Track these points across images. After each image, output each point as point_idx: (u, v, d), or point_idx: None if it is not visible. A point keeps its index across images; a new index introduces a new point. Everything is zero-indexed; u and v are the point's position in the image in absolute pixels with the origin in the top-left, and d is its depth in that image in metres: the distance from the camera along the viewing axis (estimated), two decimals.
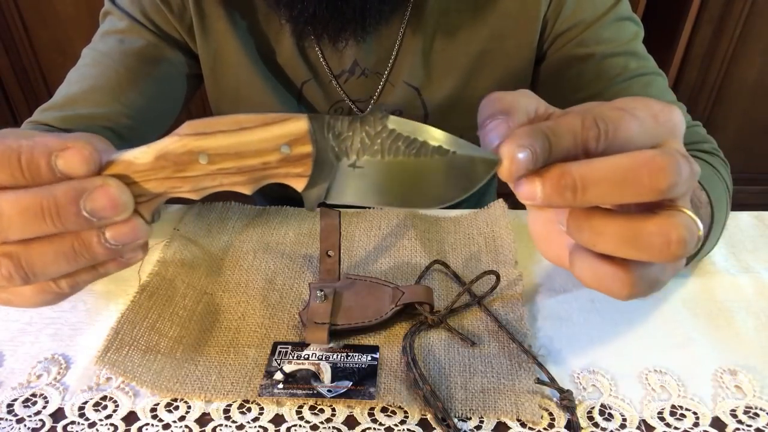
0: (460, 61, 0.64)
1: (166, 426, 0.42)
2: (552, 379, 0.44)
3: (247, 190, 0.31)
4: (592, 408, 0.43)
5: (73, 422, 0.43)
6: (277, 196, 0.77)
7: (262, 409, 0.44)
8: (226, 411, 0.43)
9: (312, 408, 0.44)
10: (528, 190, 0.28)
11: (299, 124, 0.30)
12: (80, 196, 0.29)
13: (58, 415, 0.43)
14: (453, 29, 0.63)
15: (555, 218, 0.33)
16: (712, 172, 0.54)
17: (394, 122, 0.30)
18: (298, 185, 0.31)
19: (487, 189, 0.84)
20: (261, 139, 0.29)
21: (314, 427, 0.42)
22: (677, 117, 0.30)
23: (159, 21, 0.64)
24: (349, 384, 0.44)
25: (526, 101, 0.31)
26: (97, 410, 0.43)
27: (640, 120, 0.29)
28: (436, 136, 0.30)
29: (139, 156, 0.30)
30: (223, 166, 0.30)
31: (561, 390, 0.43)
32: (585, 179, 0.27)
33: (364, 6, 0.55)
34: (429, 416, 0.42)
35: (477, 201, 0.82)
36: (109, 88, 0.63)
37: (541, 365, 0.45)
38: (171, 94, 0.69)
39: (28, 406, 0.44)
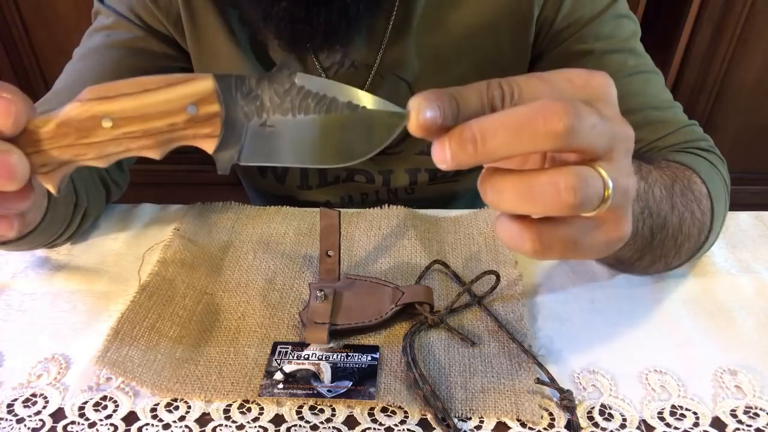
0: (451, 55, 0.64)
1: (166, 426, 0.42)
2: (552, 379, 0.44)
3: (155, 155, 0.31)
4: (592, 408, 0.43)
5: (73, 422, 0.43)
6: (276, 196, 0.77)
7: (262, 409, 0.44)
8: (226, 411, 0.43)
9: (312, 408, 0.44)
10: (438, 151, 0.28)
11: (205, 84, 0.29)
12: None
13: (58, 415, 0.43)
14: (442, 22, 0.62)
15: None
16: (710, 168, 0.54)
17: (302, 79, 0.30)
18: (209, 147, 0.30)
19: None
20: (166, 99, 0.29)
21: (314, 427, 0.42)
22: (598, 81, 0.30)
23: (145, 16, 0.64)
24: (349, 384, 0.44)
25: None
26: (97, 410, 0.43)
27: (550, 83, 0.29)
28: (345, 92, 0.30)
29: (41, 124, 0.30)
30: (128, 130, 0.30)
31: (561, 390, 0.43)
32: (483, 130, 0.27)
33: (337, 25, 0.55)
34: (429, 416, 0.42)
35: (477, 201, 0.82)
36: (93, 80, 0.62)
37: (541, 365, 0.45)
38: None
39: (28, 406, 0.44)
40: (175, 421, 0.43)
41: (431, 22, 0.63)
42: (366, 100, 0.30)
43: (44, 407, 0.44)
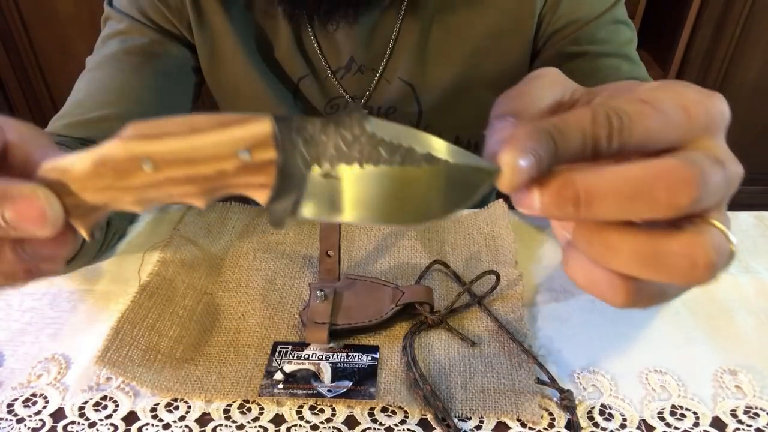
0: (456, 58, 0.64)
1: (166, 426, 0.42)
2: (552, 379, 0.44)
3: (200, 203, 0.27)
4: (592, 408, 0.43)
5: (73, 422, 0.43)
6: None
7: (262, 409, 0.44)
8: (226, 411, 0.43)
9: (312, 408, 0.44)
10: (526, 199, 0.25)
11: (262, 126, 0.25)
12: (1, 202, 0.26)
13: (58, 415, 0.43)
14: (449, 25, 0.63)
15: (559, 226, 0.30)
16: None
17: (375, 125, 0.26)
18: (261, 198, 0.27)
19: (488, 191, 0.84)
20: (216, 142, 0.25)
21: (314, 427, 0.42)
22: (716, 108, 0.26)
23: (158, 19, 0.63)
24: (349, 384, 0.44)
25: (549, 93, 0.28)
26: (97, 410, 0.43)
27: (665, 114, 0.25)
28: (424, 141, 0.26)
29: (77, 162, 0.27)
30: (171, 175, 0.26)
31: (561, 390, 0.43)
32: (590, 192, 0.23)
33: None
34: (429, 416, 0.42)
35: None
36: (115, 88, 0.62)
37: (541, 365, 0.45)
38: (180, 88, 0.68)
39: (28, 406, 0.44)
40: (175, 421, 0.43)
41: (440, 27, 0.63)
42: (447, 151, 0.26)
43: (44, 407, 0.44)
